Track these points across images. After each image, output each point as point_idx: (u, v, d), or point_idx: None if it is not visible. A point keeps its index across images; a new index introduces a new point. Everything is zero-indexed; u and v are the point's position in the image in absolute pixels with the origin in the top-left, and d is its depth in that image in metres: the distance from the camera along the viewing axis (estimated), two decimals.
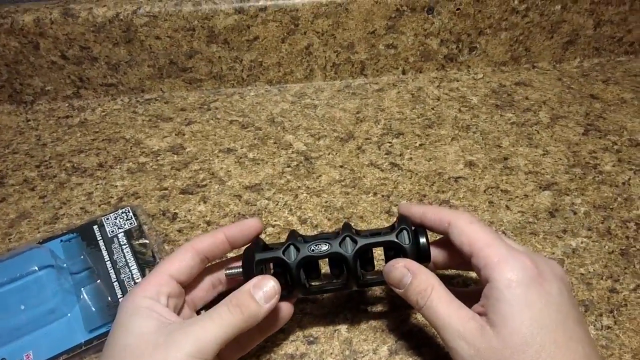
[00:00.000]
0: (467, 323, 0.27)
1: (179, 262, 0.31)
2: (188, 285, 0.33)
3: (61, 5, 0.53)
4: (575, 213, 0.45)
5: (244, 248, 0.34)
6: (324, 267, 0.36)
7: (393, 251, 0.33)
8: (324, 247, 0.32)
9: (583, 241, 0.43)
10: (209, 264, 0.35)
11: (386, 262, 0.34)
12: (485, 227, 0.30)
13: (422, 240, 0.32)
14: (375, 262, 0.34)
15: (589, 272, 0.40)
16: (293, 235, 0.33)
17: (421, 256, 0.32)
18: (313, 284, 0.34)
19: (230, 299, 0.29)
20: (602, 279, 0.40)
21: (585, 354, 0.26)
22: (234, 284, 0.34)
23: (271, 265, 0.34)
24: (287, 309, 0.34)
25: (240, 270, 0.33)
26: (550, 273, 0.28)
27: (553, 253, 0.42)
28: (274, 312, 0.32)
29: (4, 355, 0.35)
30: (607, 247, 0.42)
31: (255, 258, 0.32)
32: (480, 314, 0.28)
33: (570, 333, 0.26)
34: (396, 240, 0.32)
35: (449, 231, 0.31)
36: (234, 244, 0.34)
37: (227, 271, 0.34)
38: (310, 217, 0.45)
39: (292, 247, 0.32)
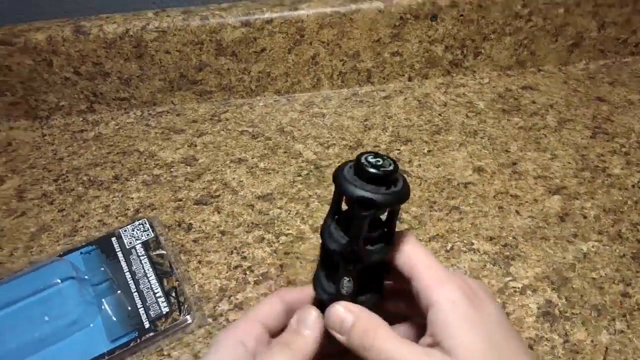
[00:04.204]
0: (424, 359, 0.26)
1: (269, 308, 0.31)
2: None
3: (72, 23, 0.54)
4: (585, 217, 0.46)
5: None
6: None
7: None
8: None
9: (594, 245, 0.43)
10: None
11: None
12: (422, 246, 0.29)
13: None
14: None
15: (601, 276, 0.41)
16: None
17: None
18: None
19: (278, 339, 0.29)
20: (614, 283, 0.40)
21: None
22: None
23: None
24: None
25: None
26: (483, 293, 0.28)
27: (564, 258, 0.42)
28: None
29: None
30: (618, 250, 0.43)
31: None
32: (431, 345, 0.26)
33: (515, 349, 0.27)
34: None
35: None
36: None
37: None
38: None
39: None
